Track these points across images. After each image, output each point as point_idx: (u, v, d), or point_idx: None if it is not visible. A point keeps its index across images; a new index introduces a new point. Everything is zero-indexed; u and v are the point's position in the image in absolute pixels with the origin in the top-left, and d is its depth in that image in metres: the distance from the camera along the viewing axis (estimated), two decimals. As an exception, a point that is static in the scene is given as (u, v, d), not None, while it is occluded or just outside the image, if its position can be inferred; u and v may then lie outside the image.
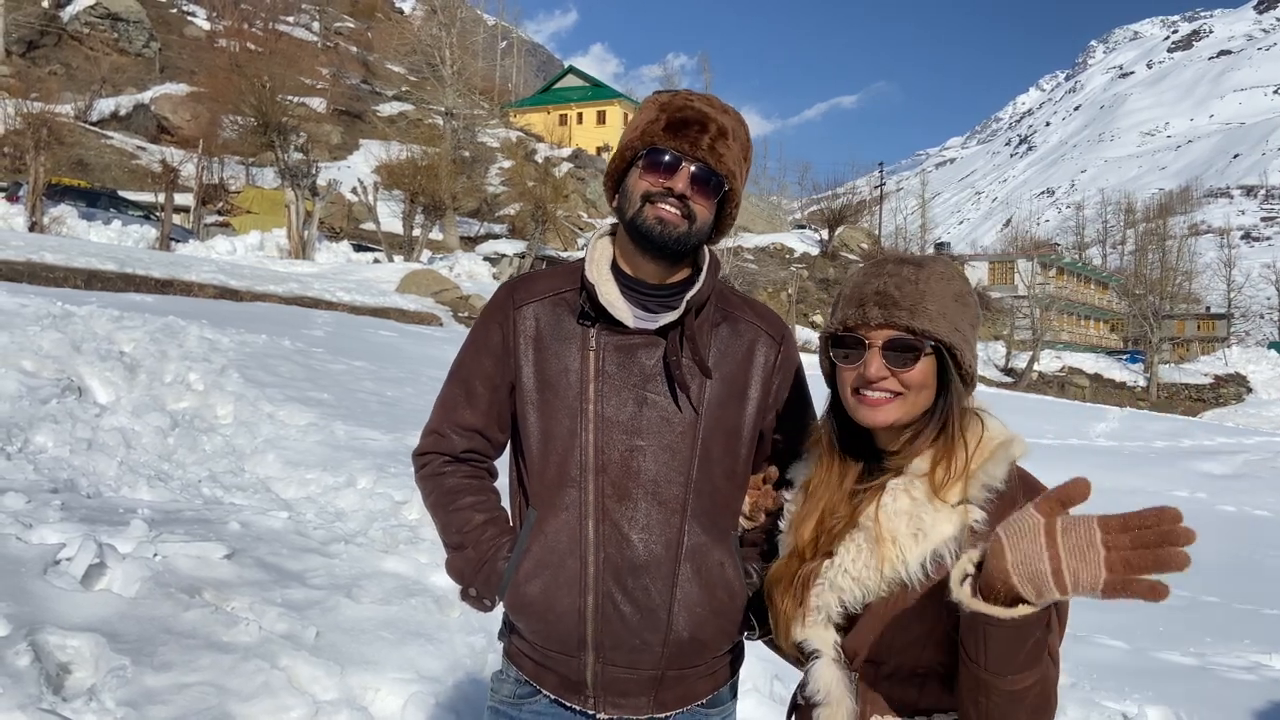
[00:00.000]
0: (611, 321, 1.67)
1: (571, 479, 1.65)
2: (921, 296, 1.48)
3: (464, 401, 1.76)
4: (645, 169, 1.65)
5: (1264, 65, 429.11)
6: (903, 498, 1.47)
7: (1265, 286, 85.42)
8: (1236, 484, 14.51)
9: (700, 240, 1.69)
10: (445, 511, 1.75)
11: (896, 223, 75.89)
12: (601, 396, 1.65)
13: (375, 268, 26.24)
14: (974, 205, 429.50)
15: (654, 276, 1.70)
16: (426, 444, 1.80)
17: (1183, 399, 48.03)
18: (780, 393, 1.78)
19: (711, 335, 1.72)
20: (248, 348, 8.72)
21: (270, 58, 42.28)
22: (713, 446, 1.68)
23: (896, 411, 1.48)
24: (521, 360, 1.71)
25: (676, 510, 1.65)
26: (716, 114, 1.67)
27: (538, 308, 1.73)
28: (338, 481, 5.80)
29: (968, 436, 1.50)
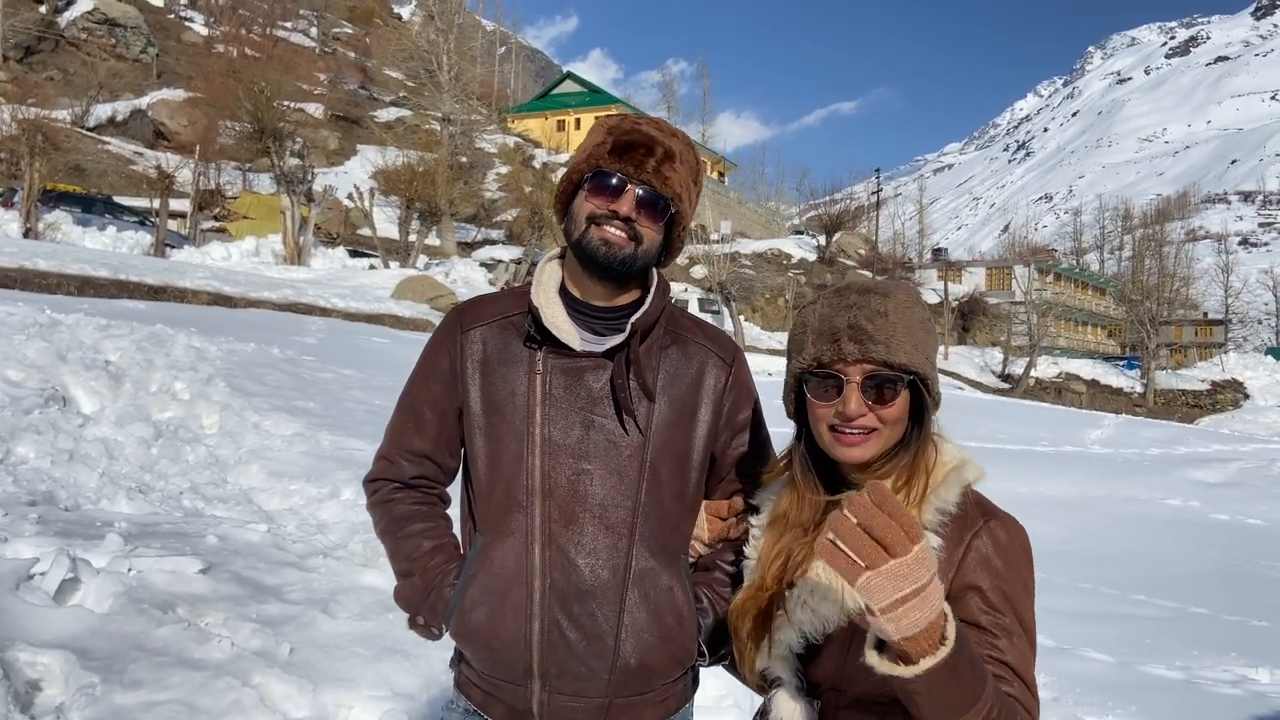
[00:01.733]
0: (558, 345, 1.66)
1: (518, 503, 1.63)
2: (894, 329, 1.45)
3: (413, 428, 1.76)
4: (591, 191, 1.65)
5: (1261, 71, 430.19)
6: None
7: (1263, 292, 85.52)
8: (1230, 492, 14.48)
9: (647, 263, 1.69)
10: (394, 538, 1.74)
11: (894, 228, 75.90)
12: (548, 420, 1.64)
13: (370, 274, 26.21)
14: (972, 211, 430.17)
15: (602, 299, 1.70)
16: (376, 470, 1.79)
17: (1180, 405, 48.05)
18: (732, 414, 1.77)
19: (660, 357, 1.71)
20: (235, 356, 8.69)
21: (268, 63, 42.38)
22: (661, 470, 1.67)
23: (874, 448, 1.46)
24: (469, 384, 1.70)
25: (624, 534, 1.64)
26: (664, 137, 1.67)
27: (485, 331, 1.72)
28: (321, 493, 5.77)
29: (927, 462, 1.49)
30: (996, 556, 1.39)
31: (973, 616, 1.36)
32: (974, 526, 1.41)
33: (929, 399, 1.47)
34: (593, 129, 1.74)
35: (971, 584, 1.38)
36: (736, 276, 42.29)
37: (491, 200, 44.15)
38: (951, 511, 1.42)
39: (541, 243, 34.19)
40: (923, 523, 1.42)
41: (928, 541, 1.12)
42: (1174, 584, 8.15)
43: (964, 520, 1.42)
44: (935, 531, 1.41)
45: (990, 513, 1.45)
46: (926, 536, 1.14)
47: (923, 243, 77.90)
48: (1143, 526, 10.75)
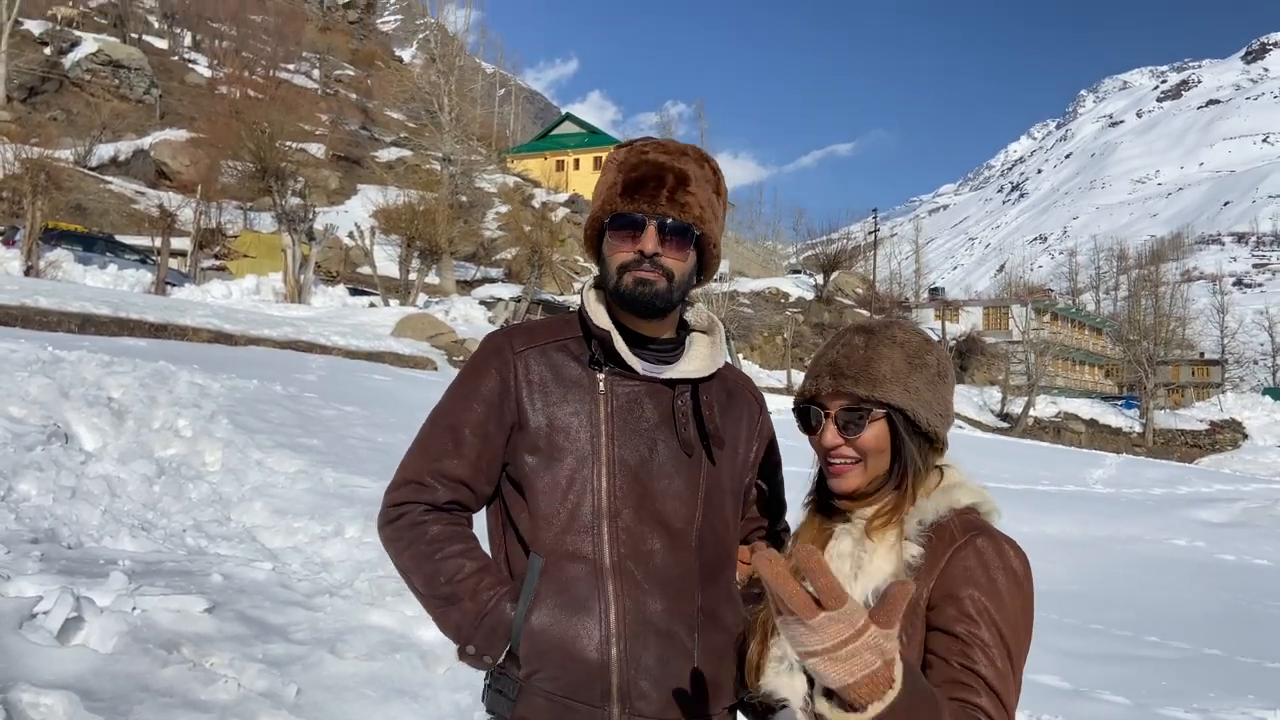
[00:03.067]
0: (620, 369, 1.66)
1: (585, 525, 1.60)
2: (867, 363, 1.53)
3: (451, 450, 1.67)
4: (613, 238, 1.66)
5: (1252, 114, 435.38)
6: (845, 540, 1.53)
7: (1258, 332, 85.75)
8: (1235, 532, 14.39)
9: (685, 292, 1.70)
10: (430, 561, 1.63)
11: (891, 268, 76.26)
12: (614, 441, 1.63)
13: (371, 312, 26.24)
14: (967, 251, 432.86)
15: (649, 331, 1.72)
16: (404, 493, 1.68)
17: (1179, 445, 47.96)
18: (760, 453, 1.83)
19: (712, 391, 1.76)
20: (238, 393, 8.65)
21: (270, 104, 42.71)
22: (714, 495, 1.70)
23: (858, 479, 1.53)
24: (527, 406, 1.66)
25: (690, 555, 1.65)
26: (672, 160, 1.66)
27: (540, 354, 1.70)
28: (325, 530, 5.70)
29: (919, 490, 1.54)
30: (980, 570, 1.41)
31: (948, 625, 1.40)
32: (959, 539, 1.44)
33: (906, 431, 1.51)
34: (605, 168, 1.72)
35: (950, 593, 1.41)
36: (735, 315, 42.40)
37: (491, 239, 44.36)
38: (930, 520, 1.47)
39: (540, 281, 34.29)
40: (905, 534, 1.48)
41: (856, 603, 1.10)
42: (1186, 625, 8.06)
43: (951, 534, 1.46)
44: (915, 541, 1.47)
45: (982, 530, 1.47)
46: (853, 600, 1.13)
47: (919, 282, 78.27)
48: (1149, 567, 10.66)
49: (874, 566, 1.47)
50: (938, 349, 1.61)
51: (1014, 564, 1.44)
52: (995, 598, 1.39)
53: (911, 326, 1.64)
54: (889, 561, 1.47)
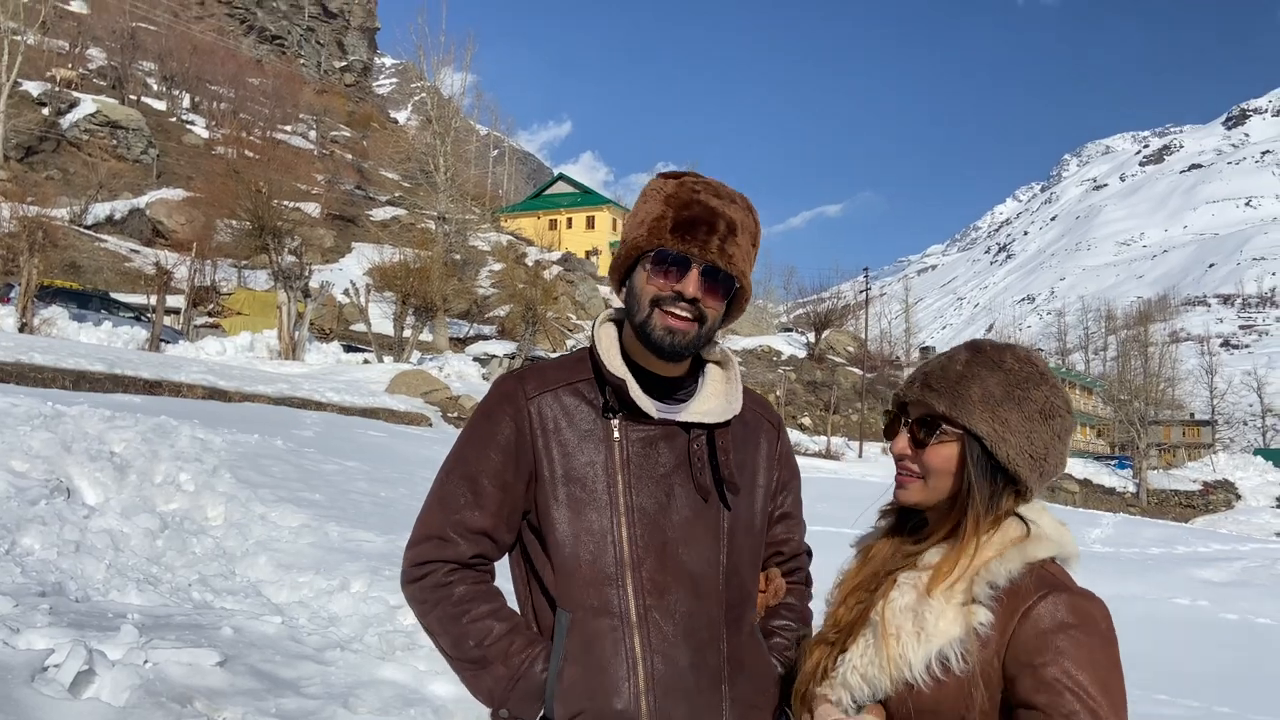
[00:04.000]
0: (633, 412, 1.62)
1: (608, 577, 1.56)
2: (959, 380, 1.47)
3: (471, 501, 1.62)
4: (653, 272, 1.60)
5: (1234, 179, 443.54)
6: (909, 593, 1.44)
7: (1247, 393, 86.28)
8: (1237, 591, 14.31)
9: (709, 337, 1.66)
10: (458, 624, 1.58)
11: (881, 326, 76.74)
12: (631, 489, 1.59)
13: (365, 368, 26.22)
14: (956, 311, 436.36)
15: (664, 370, 1.67)
16: (426, 551, 1.62)
17: (1173, 505, 47.91)
18: (782, 480, 1.80)
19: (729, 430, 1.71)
20: (240, 448, 8.60)
21: (267, 164, 43.15)
22: (736, 535, 1.66)
23: (918, 494, 1.49)
24: (542, 453, 1.61)
25: (714, 602, 1.61)
26: (724, 206, 1.62)
27: (552, 398, 1.64)
28: (331, 585, 5.63)
29: (993, 535, 1.44)
30: (1056, 632, 1.32)
31: (1028, 697, 1.31)
32: (1029, 599, 1.35)
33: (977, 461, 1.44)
34: (648, 194, 1.66)
35: (1026, 662, 1.33)
36: (728, 374, 42.46)
37: (484, 296, 44.58)
38: (1002, 584, 1.38)
39: (534, 339, 34.37)
40: (975, 596, 1.39)
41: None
42: (1194, 683, 7.98)
43: (1020, 592, 1.37)
44: (986, 606, 1.38)
45: (1054, 586, 1.37)
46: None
47: (909, 341, 78.68)
48: (1154, 625, 10.58)
49: (939, 629, 1.38)
50: (1052, 389, 1.49)
51: (1090, 617, 1.34)
52: (1073, 659, 1.30)
53: (1030, 356, 1.53)
54: (956, 625, 1.38)
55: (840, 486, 23.30)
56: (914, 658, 1.39)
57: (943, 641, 1.37)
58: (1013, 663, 1.34)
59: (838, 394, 46.31)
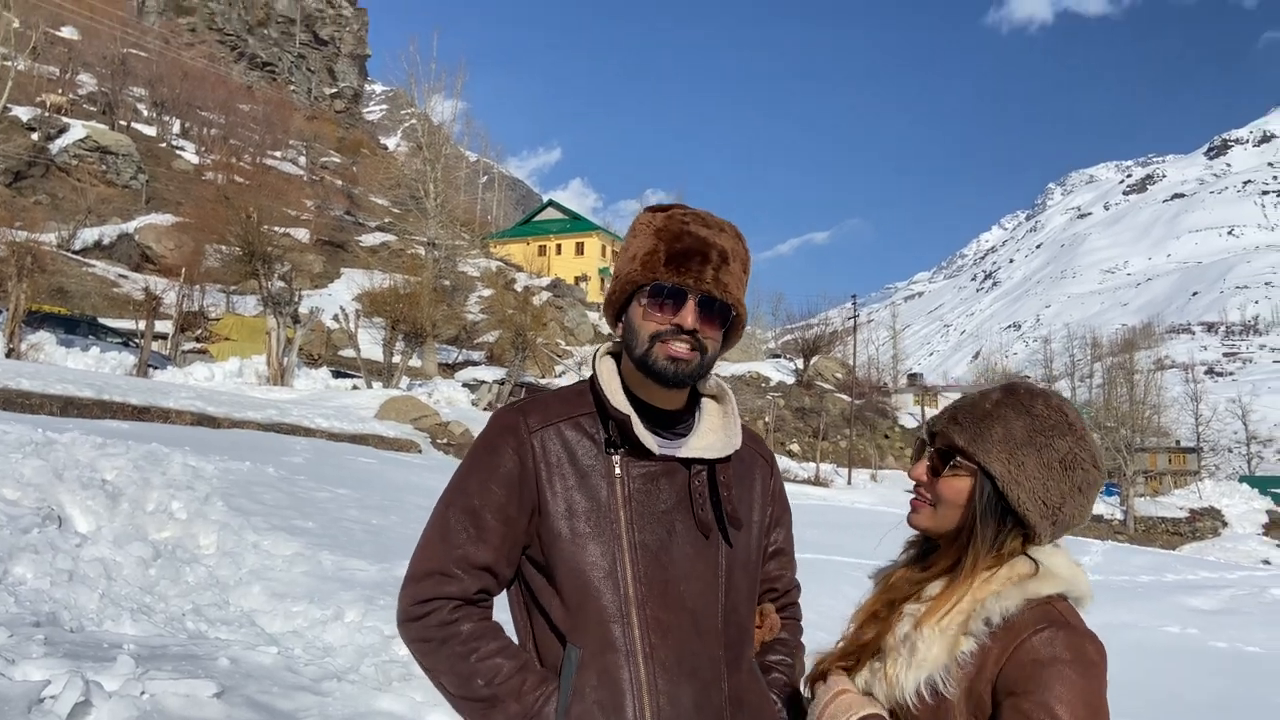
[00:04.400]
0: (634, 448, 1.62)
1: (615, 614, 1.55)
2: (985, 417, 1.50)
3: (474, 536, 1.60)
4: (650, 306, 1.61)
5: (1217, 208, 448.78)
6: (907, 623, 1.51)
7: (1232, 420, 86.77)
8: (1226, 619, 14.34)
9: (710, 366, 1.67)
10: (466, 662, 1.55)
11: (869, 353, 76.99)
12: (634, 525, 1.58)
13: (354, 394, 26.15)
14: (943, 338, 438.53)
15: (665, 403, 1.67)
16: (428, 587, 1.59)
17: (1160, 532, 48.04)
18: (775, 515, 1.81)
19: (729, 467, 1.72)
20: (232, 475, 8.56)
21: (257, 190, 43.18)
22: (734, 572, 1.66)
23: (926, 519, 1.55)
24: (546, 488, 1.60)
25: (716, 640, 1.61)
26: (715, 235, 1.62)
27: (555, 432, 1.64)
28: (325, 614, 5.60)
29: (999, 570, 1.48)
30: (1048, 664, 1.34)
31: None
32: (1025, 632, 1.39)
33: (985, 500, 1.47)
34: (638, 228, 1.66)
35: (1009, 691, 1.36)
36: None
37: (473, 322, 44.58)
38: (997, 620, 1.41)
39: (523, 364, 34.35)
40: (969, 629, 1.43)
41: None
42: (1187, 711, 8.01)
43: (1018, 626, 1.40)
44: (975, 636, 1.42)
45: (1054, 621, 1.39)
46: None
47: (897, 368, 78.96)
48: (1147, 653, 10.60)
49: (929, 657, 1.44)
50: (1078, 440, 1.50)
51: (1082, 654, 1.36)
52: (1055, 694, 1.32)
53: (1062, 405, 1.53)
54: (946, 654, 1.43)
55: (828, 513, 23.31)
56: (906, 682, 1.45)
57: (932, 669, 1.43)
58: (1000, 691, 1.37)
59: (826, 420, 46.38)
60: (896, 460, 51.14)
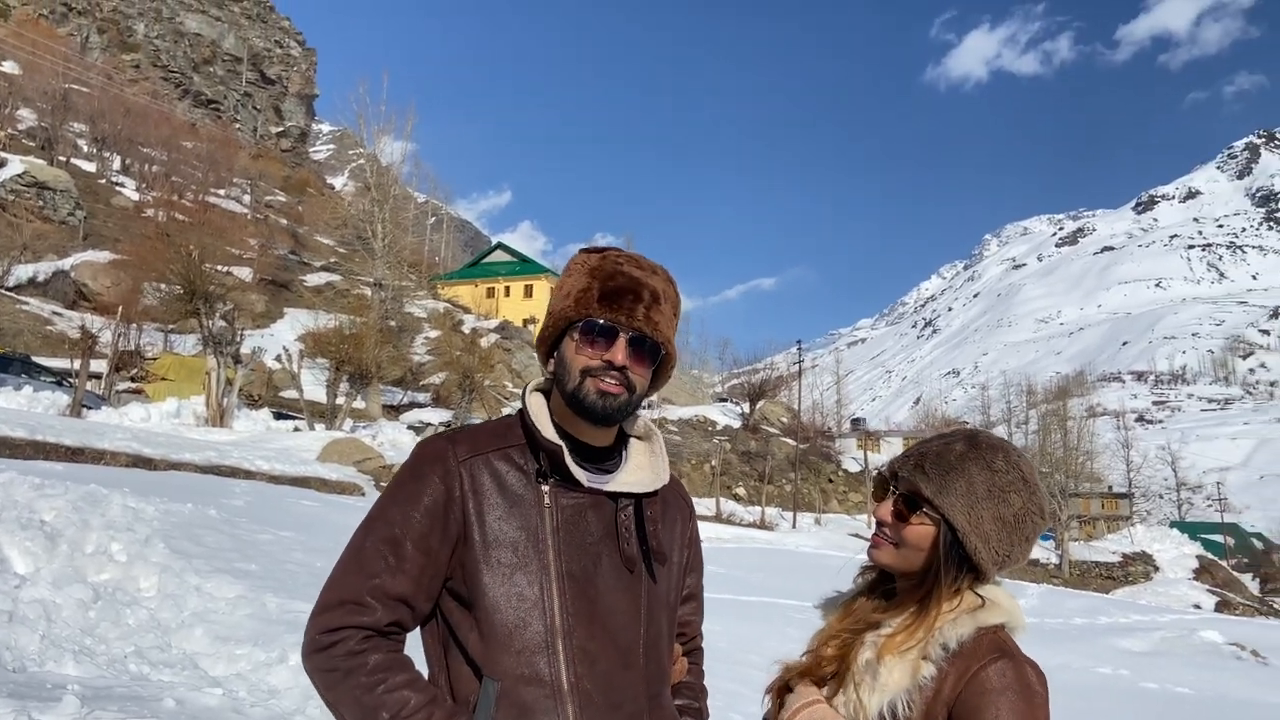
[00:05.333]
0: (563, 480, 1.62)
1: (539, 645, 1.53)
2: (949, 470, 1.60)
3: (392, 565, 1.54)
4: (581, 341, 1.63)
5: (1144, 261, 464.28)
6: (869, 650, 1.61)
7: (1162, 467, 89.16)
8: (1156, 661, 14.72)
9: (639, 404, 1.69)
10: (372, 694, 1.48)
11: (813, 398, 77.84)
12: (562, 556, 1.58)
13: (296, 436, 25.75)
14: (885, 383, 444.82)
15: (593, 439, 1.68)
16: (338, 616, 1.52)
17: (1094, 576, 49.01)
18: (690, 561, 1.84)
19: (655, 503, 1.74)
20: (173, 517, 8.44)
21: (199, 228, 42.59)
22: (655, 607, 1.67)
23: (888, 556, 1.65)
24: (472, 517, 1.57)
25: (639, 674, 1.62)
26: (647, 277, 1.66)
27: (485, 462, 1.62)
28: (270, 657, 5.56)
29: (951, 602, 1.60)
30: (1000, 693, 1.47)
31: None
32: (980, 660, 1.51)
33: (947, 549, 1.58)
34: (572, 268, 1.70)
35: (965, 717, 1.48)
36: (664, 441, 42.59)
37: (420, 364, 44.26)
38: (953, 646, 1.53)
39: (470, 407, 34.16)
40: (927, 654, 1.54)
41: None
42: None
43: (971, 654, 1.52)
44: (934, 662, 1.53)
45: (1004, 652, 1.53)
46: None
47: (840, 412, 79.90)
48: (1079, 695, 10.84)
49: (891, 682, 1.54)
50: (1030, 496, 1.62)
51: (1029, 685, 1.49)
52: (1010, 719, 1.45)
53: (1019, 461, 1.64)
54: (906, 678, 1.53)
55: (774, 557, 23.43)
56: (869, 706, 1.56)
57: (893, 693, 1.54)
58: (955, 717, 1.50)
59: (771, 464, 46.72)
60: (840, 504, 51.63)
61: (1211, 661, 15.67)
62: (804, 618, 11.78)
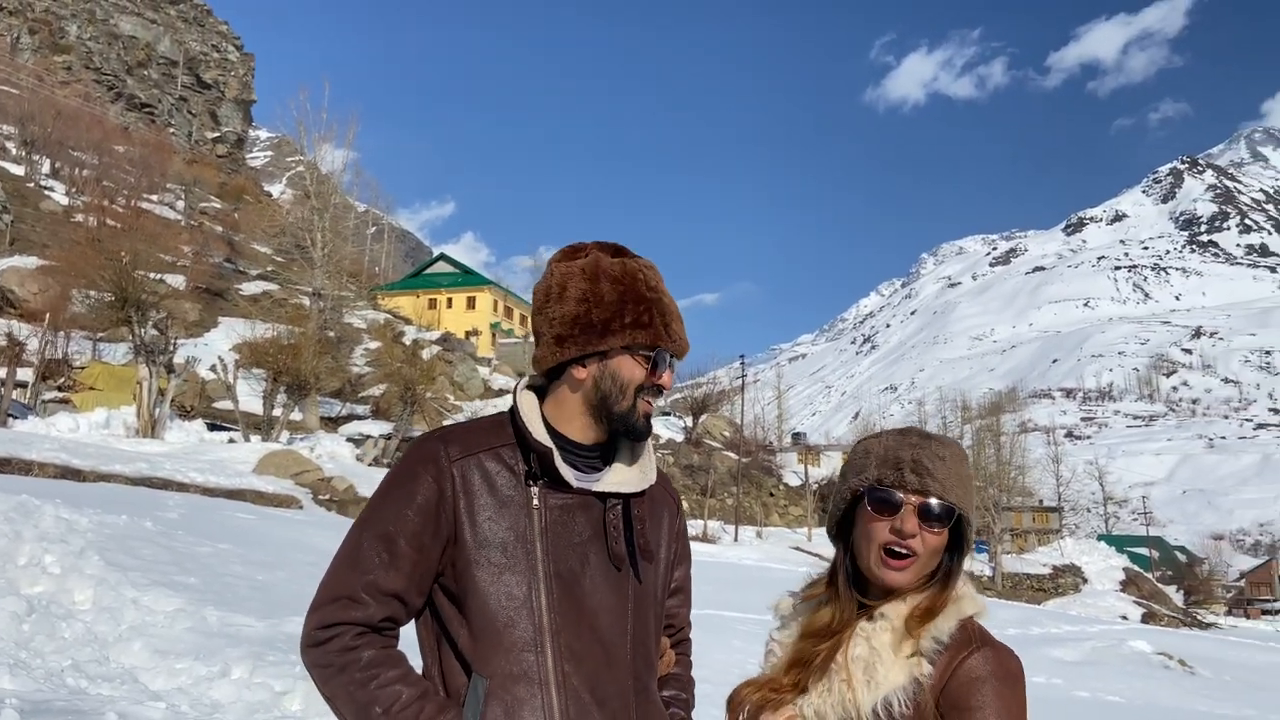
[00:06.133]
0: (553, 480, 1.64)
1: (527, 642, 1.56)
2: (949, 473, 1.66)
3: (386, 562, 1.58)
4: (635, 360, 1.66)
5: (1074, 281, 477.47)
6: (863, 644, 1.63)
7: (1090, 482, 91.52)
8: (1088, 670, 15.10)
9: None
10: (365, 689, 1.52)
11: (755, 412, 78.42)
12: (551, 556, 1.60)
13: (231, 447, 25.20)
14: (825, 398, 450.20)
15: (584, 439, 1.70)
16: (333, 612, 1.57)
17: (1026, 588, 50.08)
18: (678, 555, 1.86)
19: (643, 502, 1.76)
20: (107, 529, 8.21)
21: (131, 234, 41.47)
22: (642, 606, 1.70)
23: (913, 575, 1.65)
24: (463, 517, 1.60)
25: (626, 670, 1.64)
26: (661, 284, 1.73)
27: (476, 462, 1.64)
28: (211, 671, 5.44)
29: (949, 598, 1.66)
30: (985, 680, 1.54)
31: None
32: (964, 651, 1.57)
33: (967, 540, 1.68)
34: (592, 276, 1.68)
35: (955, 704, 1.54)
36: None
37: (359, 375, 43.61)
38: (945, 639, 1.59)
39: (411, 419, 33.74)
40: (920, 650, 1.59)
41: None
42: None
43: (956, 645, 1.58)
44: (929, 660, 1.58)
45: (984, 641, 1.60)
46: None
47: (782, 427, 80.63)
48: (1014, 702, 11.07)
49: (887, 678, 1.57)
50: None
51: (1011, 671, 1.57)
52: (994, 707, 1.52)
53: (962, 446, 1.77)
54: (903, 675, 1.57)
55: (717, 570, 23.53)
56: (863, 702, 1.58)
57: (889, 689, 1.57)
58: (945, 705, 1.55)
59: (714, 478, 46.93)
60: (781, 518, 52.03)
61: (1140, 671, 16.14)
62: (747, 629, 11.86)
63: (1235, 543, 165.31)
